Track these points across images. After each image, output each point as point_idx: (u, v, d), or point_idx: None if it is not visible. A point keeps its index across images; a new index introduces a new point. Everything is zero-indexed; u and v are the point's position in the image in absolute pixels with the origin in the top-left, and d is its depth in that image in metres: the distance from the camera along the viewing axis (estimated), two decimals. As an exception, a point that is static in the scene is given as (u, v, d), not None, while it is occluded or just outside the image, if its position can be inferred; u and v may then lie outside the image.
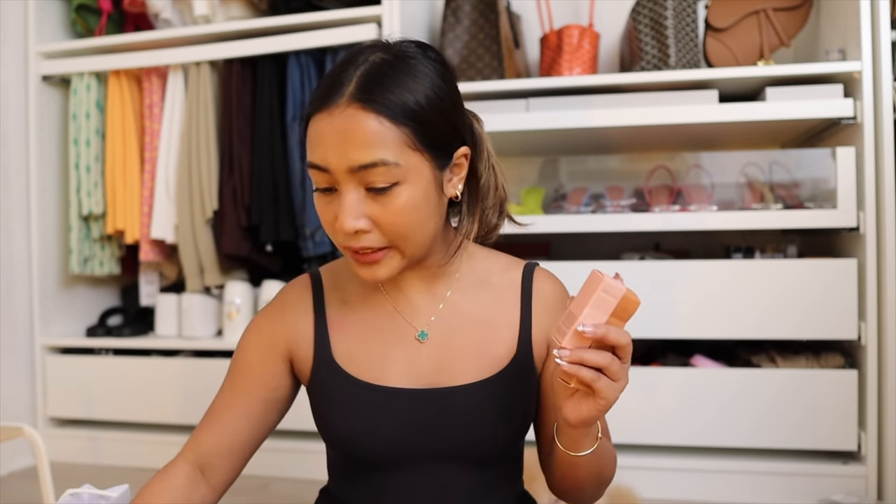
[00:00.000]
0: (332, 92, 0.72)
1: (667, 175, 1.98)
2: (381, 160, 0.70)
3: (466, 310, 0.84)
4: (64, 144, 2.34)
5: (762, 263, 1.80)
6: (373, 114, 0.70)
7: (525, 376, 0.83)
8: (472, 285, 0.86)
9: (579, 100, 1.89)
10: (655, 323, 1.83)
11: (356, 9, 1.98)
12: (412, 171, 0.72)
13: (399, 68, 0.73)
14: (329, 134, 0.71)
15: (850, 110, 1.75)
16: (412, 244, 0.75)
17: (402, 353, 0.82)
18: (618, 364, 0.67)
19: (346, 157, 0.70)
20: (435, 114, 0.74)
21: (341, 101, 0.71)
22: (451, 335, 0.83)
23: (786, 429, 1.77)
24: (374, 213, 0.72)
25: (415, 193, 0.73)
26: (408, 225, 0.73)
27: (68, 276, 2.35)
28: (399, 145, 0.71)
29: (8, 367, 2.17)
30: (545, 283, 0.88)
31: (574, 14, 2.28)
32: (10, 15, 2.20)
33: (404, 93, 0.71)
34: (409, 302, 0.85)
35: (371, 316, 0.85)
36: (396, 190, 0.72)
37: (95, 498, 0.71)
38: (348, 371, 0.82)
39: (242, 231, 2.11)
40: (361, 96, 0.70)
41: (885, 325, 1.70)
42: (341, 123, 0.70)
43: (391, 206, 0.72)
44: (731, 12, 1.93)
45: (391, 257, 0.75)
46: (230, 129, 2.12)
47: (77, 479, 1.99)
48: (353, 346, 0.83)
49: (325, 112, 0.71)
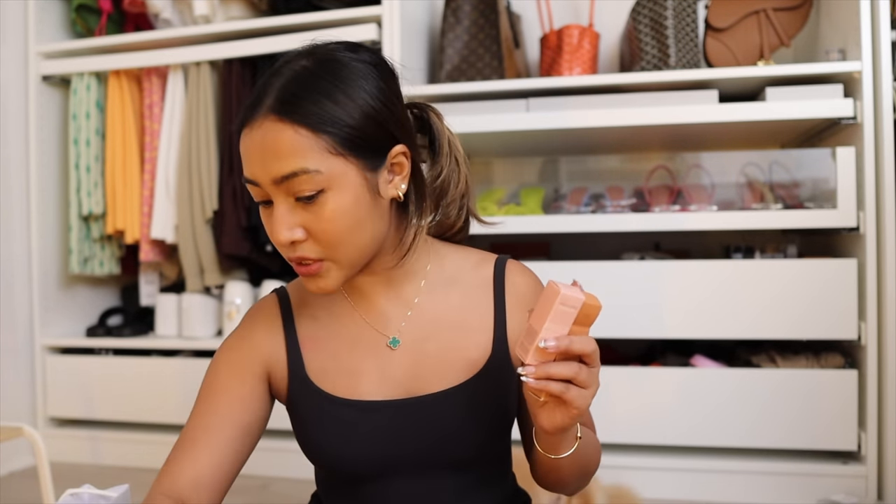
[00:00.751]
0: (254, 105, 0.72)
1: (667, 175, 1.98)
2: (301, 169, 0.69)
3: (438, 313, 0.83)
4: (64, 144, 2.34)
5: (762, 263, 1.80)
6: (289, 124, 0.70)
7: (503, 376, 0.82)
8: (442, 285, 0.84)
9: (579, 100, 1.89)
10: (655, 323, 1.83)
11: (356, 9, 1.98)
12: (337, 177, 0.71)
13: (320, 75, 0.72)
14: (252, 148, 0.71)
15: (850, 110, 1.75)
16: (347, 251, 0.74)
17: (376, 364, 0.81)
18: (585, 372, 0.65)
19: (268, 169, 0.70)
20: (361, 118, 0.72)
21: (259, 114, 0.71)
22: (423, 341, 0.82)
23: (786, 429, 1.77)
24: (305, 223, 0.72)
25: (343, 199, 0.72)
26: (340, 232, 0.72)
27: (68, 276, 2.35)
28: (320, 152, 0.70)
29: (8, 367, 2.17)
30: (517, 278, 0.86)
31: (574, 14, 2.28)
32: (10, 15, 2.20)
33: (323, 101, 0.71)
34: (376, 310, 0.83)
35: (340, 329, 0.84)
36: (323, 197, 0.71)
37: (95, 498, 0.71)
38: (322, 388, 0.81)
39: (242, 231, 2.11)
40: (279, 108, 0.70)
41: (885, 325, 1.70)
42: (261, 137, 0.71)
43: (321, 214, 0.71)
44: (731, 12, 1.93)
45: (329, 269, 0.74)
46: (230, 129, 2.12)
47: (77, 479, 1.99)
48: (325, 361, 0.82)
49: (248, 127, 0.72)
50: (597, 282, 1.84)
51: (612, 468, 1.81)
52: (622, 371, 1.85)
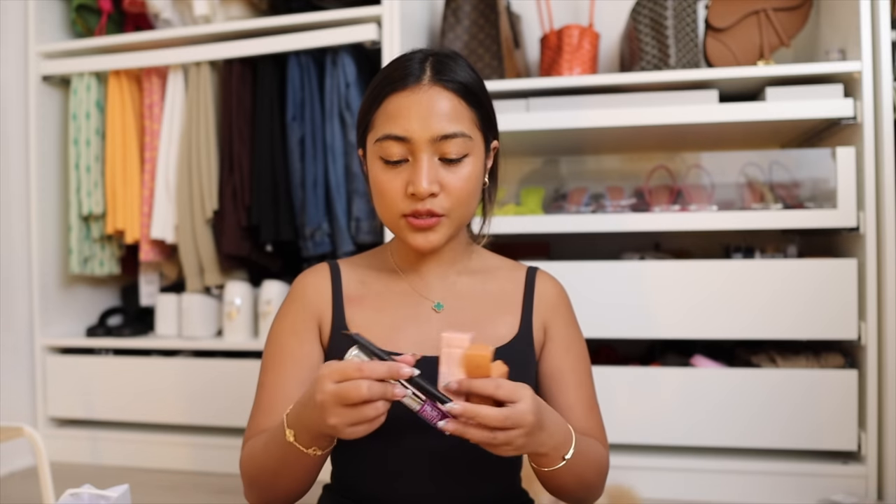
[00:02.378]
0: (410, 74, 0.83)
1: (667, 175, 1.98)
2: (461, 132, 0.83)
3: (476, 292, 0.93)
4: (64, 144, 2.34)
5: (762, 263, 1.80)
6: (453, 93, 0.83)
7: (525, 360, 0.90)
8: (481, 273, 0.95)
9: (579, 100, 1.89)
10: (655, 323, 1.83)
11: (356, 9, 1.98)
12: (476, 146, 0.85)
13: (458, 62, 0.86)
14: (414, 108, 0.82)
15: (850, 110, 1.75)
16: (463, 212, 0.86)
17: (416, 324, 0.89)
18: (502, 437, 0.70)
19: (431, 127, 0.81)
20: (490, 106, 0.89)
21: (424, 80, 0.83)
22: (461, 310, 0.91)
23: (786, 429, 1.77)
24: (444, 180, 0.83)
25: (476, 167, 0.85)
26: (469, 192, 0.85)
27: (68, 276, 2.35)
28: (471, 123, 0.85)
29: (8, 367, 2.17)
30: (547, 282, 0.96)
31: (574, 14, 2.28)
32: (10, 15, 2.20)
33: (472, 84, 0.85)
34: (424, 280, 0.93)
35: (386, 292, 0.92)
36: (465, 161, 0.84)
37: (95, 498, 0.72)
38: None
39: (242, 231, 2.11)
40: (441, 78, 0.83)
41: (885, 325, 1.70)
42: (428, 99, 0.82)
43: (460, 174, 0.83)
44: (731, 12, 1.93)
45: (443, 225, 0.85)
46: (230, 129, 2.12)
47: (77, 479, 1.99)
48: (368, 317, 0.90)
49: (409, 90, 0.82)
50: (597, 282, 1.84)
51: (612, 468, 1.78)
52: (622, 371, 1.85)
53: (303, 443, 0.75)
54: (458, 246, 0.94)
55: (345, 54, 2.00)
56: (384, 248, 0.99)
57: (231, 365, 2.12)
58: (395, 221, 0.86)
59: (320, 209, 2.02)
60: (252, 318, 2.20)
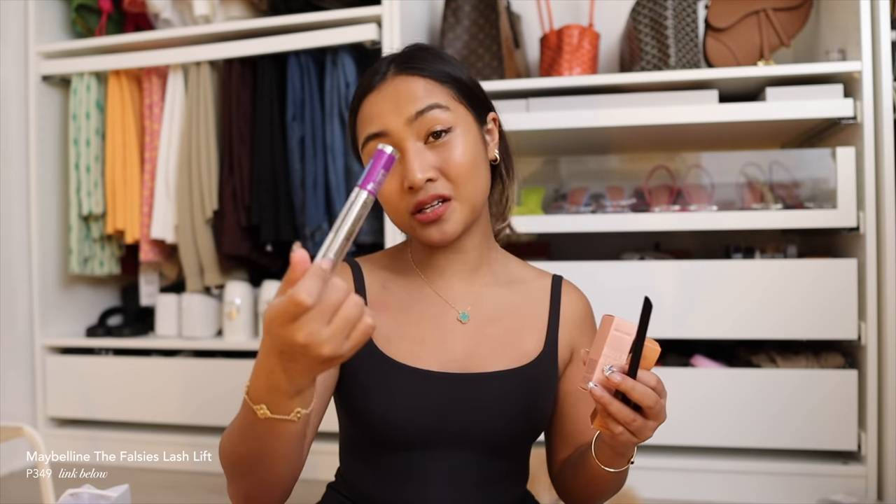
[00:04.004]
0: (375, 75, 0.83)
1: (667, 175, 1.98)
2: (434, 103, 0.80)
3: (502, 303, 0.89)
4: (64, 144, 2.34)
5: (762, 263, 1.80)
6: (418, 76, 0.81)
7: (549, 375, 0.87)
8: (507, 283, 0.92)
9: (579, 100, 1.89)
10: (655, 323, 1.81)
11: (356, 9, 1.98)
12: (461, 118, 0.82)
13: (428, 48, 0.86)
14: (382, 102, 0.80)
15: (850, 110, 1.75)
16: (471, 189, 0.81)
17: (440, 336, 0.85)
18: (640, 423, 0.70)
19: (403, 111, 0.79)
20: (467, 78, 0.86)
21: (388, 75, 0.82)
22: (486, 323, 0.87)
23: (786, 429, 1.77)
24: (437, 162, 0.80)
25: (468, 139, 0.82)
26: (468, 166, 0.81)
27: (68, 276, 2.35)
28: (446, 96, 0.82)
29: (8, 367, 2.17)
30: (573, 295, 0.94)
31: (574, 14, 2.28)
32: (10, 15, 2.20)
33: (438, 62, 0.84)
34: (448, 287, 0.89)
35: (409, 300, 0.88)
36: (452, 135, 0.80)
37: (95, 498, 0.72)
38: (385, 352, 0.83)
39: (242, 231, 2.11)
40: (405, 67, 0.81)
41: (885, 325, 1.70)
42: (393, 89, 0.80)
43: (452, 150, 0.80)
44: (731, 12, 1.93)
45: (454, 210, 0.81)
46: (230, 129, 2.12)
47: (77, 479, 1.99)
48: (390, 327, 0.85)
49: (375, 90, 0.81)
50: (597, 282, 1.84)
51: (612, 468, 1.80)
52: (622, 371, 1.85)
53: (283, 410, 0.64)
54: (483, 242, 0.89)
55: (345, 54, 2.00)
56: (404, 248, 0.94)
57: (231, 365, 2.12)
58: (406, 223, 0.83)
59: (320, 209, 2.02)
60: (252, 318, 2.20)
